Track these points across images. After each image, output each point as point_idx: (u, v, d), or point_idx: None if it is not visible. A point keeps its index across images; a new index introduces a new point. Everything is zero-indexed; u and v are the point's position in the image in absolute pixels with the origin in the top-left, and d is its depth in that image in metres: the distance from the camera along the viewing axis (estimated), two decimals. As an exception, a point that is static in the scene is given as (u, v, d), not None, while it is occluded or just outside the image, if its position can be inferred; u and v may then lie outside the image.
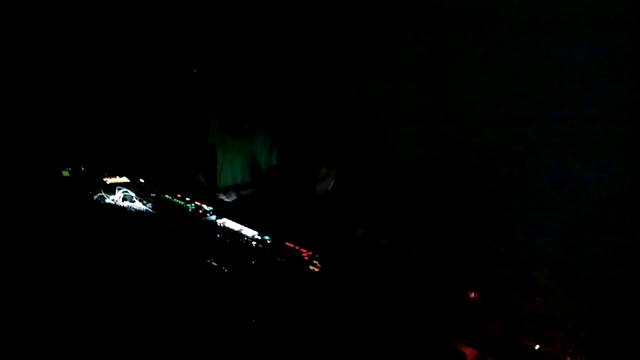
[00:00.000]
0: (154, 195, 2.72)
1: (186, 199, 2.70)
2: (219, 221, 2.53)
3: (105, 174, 2.96)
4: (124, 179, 2.97)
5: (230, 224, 2.52)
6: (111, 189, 2.67)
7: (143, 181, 3.00)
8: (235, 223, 2.54)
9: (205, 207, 2.60)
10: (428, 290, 1.90)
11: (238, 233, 2.41)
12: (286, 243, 2.29)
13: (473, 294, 1.90)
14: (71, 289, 2.33)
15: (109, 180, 2.87)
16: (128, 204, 2.57)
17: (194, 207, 2.56)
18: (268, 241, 2.31)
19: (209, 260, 2.10)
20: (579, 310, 1.94)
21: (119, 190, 2.62)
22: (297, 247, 2.24)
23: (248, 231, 2.45)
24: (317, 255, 2.16)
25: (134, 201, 2.60)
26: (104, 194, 2.62)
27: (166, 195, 2.73)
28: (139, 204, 2.59)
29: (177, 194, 2.76)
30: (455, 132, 3.29)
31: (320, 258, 2.13)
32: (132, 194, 2.63)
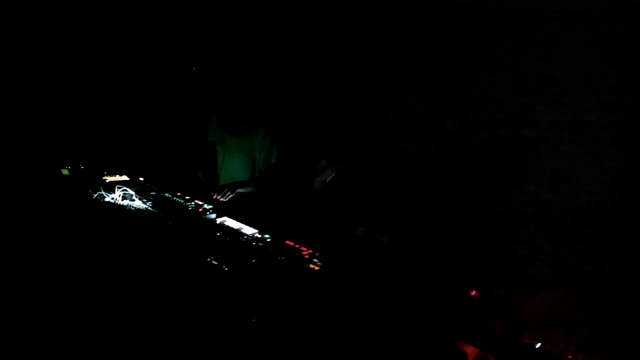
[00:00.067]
0: (154, 193, 2.71)
1: (186, 198, 2.69)
2: (218, 220, 2.53)
3: (104, 172, 2.96)
4: (124, 178, 2.96)
5: (230, 223, 2.52)
6: (111, 187, 2.66)
7: (142, 179, 3.00)
8: (235, 221, 2.53)
9: (205, 206, 2.59)
10: (428, 288, 1.89)
11: (238, 231, 2.41)
12: (286, 241, 2.28)
13: (473, 292, 1.89)
14: (71, 288, 2.33)
15: (108, 179, 2.87)
16: (127, 202, 2.57)
17: (193, 206, 2.56)
18: (268, 239, 2.31)
19: (208, 259, 2.09)
20: (580, 308, 1.93)
21: (119, 188, 2.61)
22: (297, 246, 2.23)
23: (248, 229, 2.44)
24: (318, 254, 2.15)
25: (134, 200, 2.59)
26: (103, 192, 2.61)
27: (166, 194, 2.73)
28: (138, 203, 2.58)
29: (177, 193, 2.76)
30: (455, 130, 3.29)
31: (321, 256, 2.12)
32: (132, 192, 2.62)
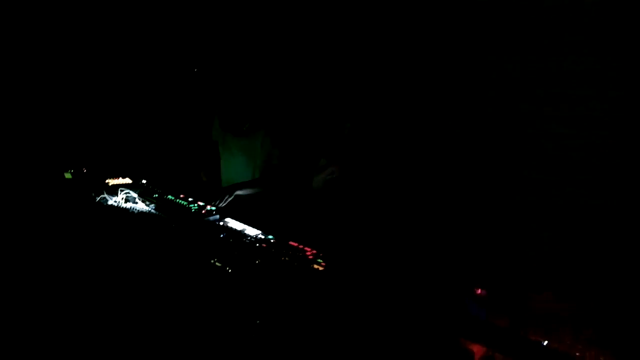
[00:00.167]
0: (157, 195, 2.71)
1: (189, 199, 2.69)
2: (222, 221, 2.52)
3: (107, 175, 2.96)
4: (127, 180, 2.96)
5: (233, 224, 2.51)
6: (114, 190, 2.66)
7: (145, 182, 2.99)
8: (239, 222, 2.53)
9: (208, 207, 2.58)
10: (434, 287, 1.88)
11: (241, 233, 2.40)
12: (290, 242, 2.27)
13: (479, 290, 1.88)
14: (75, 292, 2.32)
15: (111, 182, 2.87)
16: (131, 205, 2.57)
17: (197, 207, 2.55)
18: (272, 240, 2.30)
19: (212, 261, 2.09)
20: (587, 305, 1.92)
21: (122, 191, 2.61)
22: (301, 246, 2.22)
23: (251, 230, 2.44)
24: (322, 254, 2.14)
25: (137, 202, 2.59)
26: (106, 195, 2.61)
27: (169, 196, 2.72)
28: (141, 205, 2.58)
29: (180, 194, 2.75)
30: (455, 129, 3.28)
31: (325, 257, 2.11)
32: (135, 195, 2.62)
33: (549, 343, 1.64)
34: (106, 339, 2.15)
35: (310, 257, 2.11)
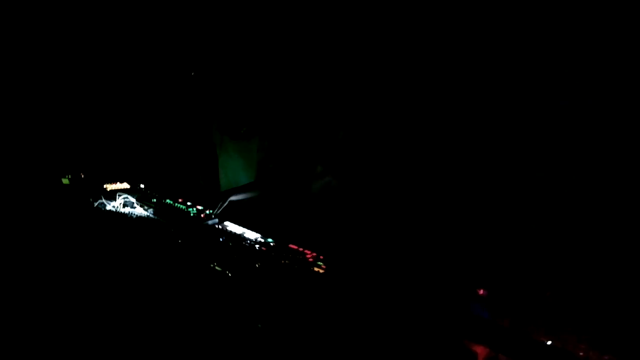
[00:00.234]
0: (155, 200, 2.69)
1: (187, 203, 2.67)
2: (221, 225, 2.51)
3: (105, 180, 2.94)
4: (125, 185, 2.94)
5: (232, 227, 2.50)
6: (112, 195, 2.65)
7: (143, 186, 2.98)
8: (238, 226, 2.51)
9: (206, 211, 2.57)
10: (437, 288, 1.87)
11: (241, 236, 2.39)
12: (289, 245, 2.26)
13: (482, 291, 1.87)
14: (75, 297, 2.30)
15: (109, 187, 2.85)
16: (129, 210, 2.55)
17: (195, 212, 2.54)
18: (271, 243, 2.29)
19: (212, 265, 2.07)
20: (591, 306, 1.91)
21: (120, 196, 2.60)
22: (301, 249, 2.21)
23: (251, 234, 2.42)
24: (322, 257, 2.13)
25: (135, 207, 2.58)
26: (104, 200, 2.59)
27: (167, 200, 2.71)
28: (140, 210, 2.56)
29: (178, 199, 2.74)
30: (455, 129, 3.27)
31: (325, 259, 2.10)
32: (133, 199, 2.60)
33: (552, 343, 1.63)
34: (107, 343, 2.13)
35: (311, 260, 2.10)
